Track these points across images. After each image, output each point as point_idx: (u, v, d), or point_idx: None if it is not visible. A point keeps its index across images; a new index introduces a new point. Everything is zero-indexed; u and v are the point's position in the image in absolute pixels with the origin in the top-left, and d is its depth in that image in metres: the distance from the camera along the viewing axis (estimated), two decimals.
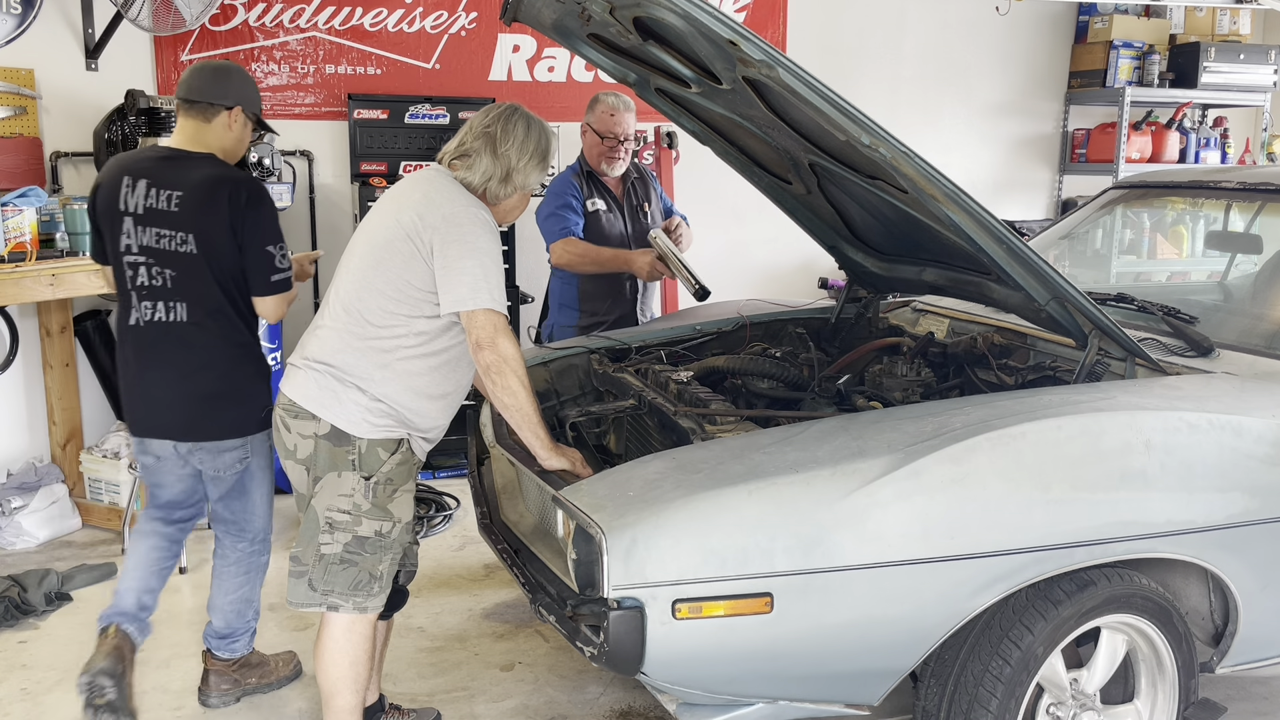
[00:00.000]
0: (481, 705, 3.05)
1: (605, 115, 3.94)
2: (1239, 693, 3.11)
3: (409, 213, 2.44)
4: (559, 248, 3.92)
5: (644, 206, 4.12)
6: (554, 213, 3.96)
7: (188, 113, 2.83)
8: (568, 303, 4.08)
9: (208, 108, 2.82)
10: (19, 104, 4.44)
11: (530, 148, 2.51)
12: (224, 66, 2.96)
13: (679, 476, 2.14)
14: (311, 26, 5.04)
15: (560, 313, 4.14)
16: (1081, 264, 4.03)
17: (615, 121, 3.93)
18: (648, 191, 4.17)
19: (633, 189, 4.12)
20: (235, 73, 2.91)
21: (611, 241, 3.99)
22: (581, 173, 4.04)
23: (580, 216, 3.97)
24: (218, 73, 2.89)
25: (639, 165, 4.22)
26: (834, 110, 2.25)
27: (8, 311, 4.36)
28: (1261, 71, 6.56)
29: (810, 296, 4.03)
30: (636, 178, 4.15)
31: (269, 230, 2.79)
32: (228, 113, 2.84)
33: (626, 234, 4.05)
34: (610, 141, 3.95)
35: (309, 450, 2.48)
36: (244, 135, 2.91)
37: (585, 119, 4.02)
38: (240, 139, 2.90)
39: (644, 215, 4.11)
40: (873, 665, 2.17)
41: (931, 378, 2.99)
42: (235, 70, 2.93)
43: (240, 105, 2.86)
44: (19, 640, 3.44)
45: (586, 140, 4.03)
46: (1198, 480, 2.30)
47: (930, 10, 6.28)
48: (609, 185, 4.06)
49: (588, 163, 4.04)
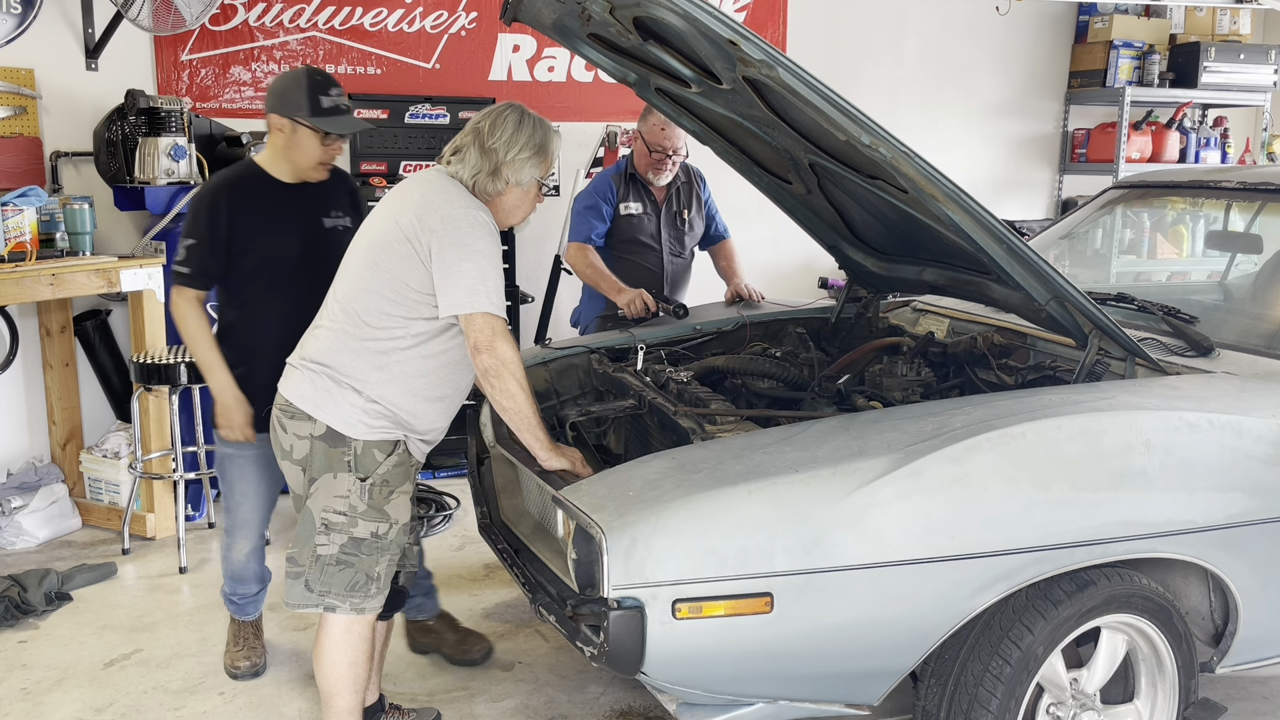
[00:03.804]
0: (481, 705, 3.05)
1: (656, 129, 3.97)
2: (1239, 693, 3.11)
3: (408, 214, 2.43)
4: (573, 250, 4.04)
5: (684, 214, 4.16)
6: (582, 212, 4.06)
7: None
8: (595, 294, 4.14)
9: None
10: (19, 104, 4.44)
11: (520, 141, 2.49)
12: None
13: (679, 476, 2.14)
14: (311, 26, 5.04)
15: (589, 302, 4.24)
16: (1081, 264, 4.03)
17: (665, 135, 3.96)
18: (690, 198, 4.19)
19: (676, 195, 4.16)
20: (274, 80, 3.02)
21: (643, 244, 4.08)
22: (624, 174, 4.10)
23: (605, 222, 4.05)
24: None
25: (691, 169, 4.24)
26: (834, 110, 2.25)
27: (8, 311, 4.36)
28: (1261, 71, 6.56)
29: (810, 296, 4.03)
30: (683, 183, 4.18)
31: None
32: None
33: (658, 237, 4.11)
34: (659, 154, 3.99)
35: (305, 451, 2.48)
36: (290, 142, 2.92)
37: (637, 126, 4.07)
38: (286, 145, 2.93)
39: (682, 222, 4.15)
40: (873, 665, 2.17)
41: (931, 378, 2.99)
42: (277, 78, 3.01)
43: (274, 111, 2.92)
44: (19, 640, 3.44)
45: (636, 148, 4.09)
46: (1198, 480, 2.30)
47: (930, 10, 6.28)
48: (653, 190, 4.11)
49: (634, 167, 4.09)
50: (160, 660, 3.30)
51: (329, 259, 2.75)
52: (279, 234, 2.96)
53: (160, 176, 4.27)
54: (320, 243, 2.99)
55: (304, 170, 2.96)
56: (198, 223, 2.92)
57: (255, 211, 2.94)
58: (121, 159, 4.35)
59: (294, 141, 2.89)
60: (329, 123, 2.88)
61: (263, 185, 2.97)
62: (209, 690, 3.12)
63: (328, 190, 3.04)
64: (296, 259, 2.96)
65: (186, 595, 3.81)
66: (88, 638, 3.45)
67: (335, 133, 2.90)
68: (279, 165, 2.96)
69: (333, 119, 2.88)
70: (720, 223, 4.31)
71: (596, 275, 3.98)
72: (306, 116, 2.85)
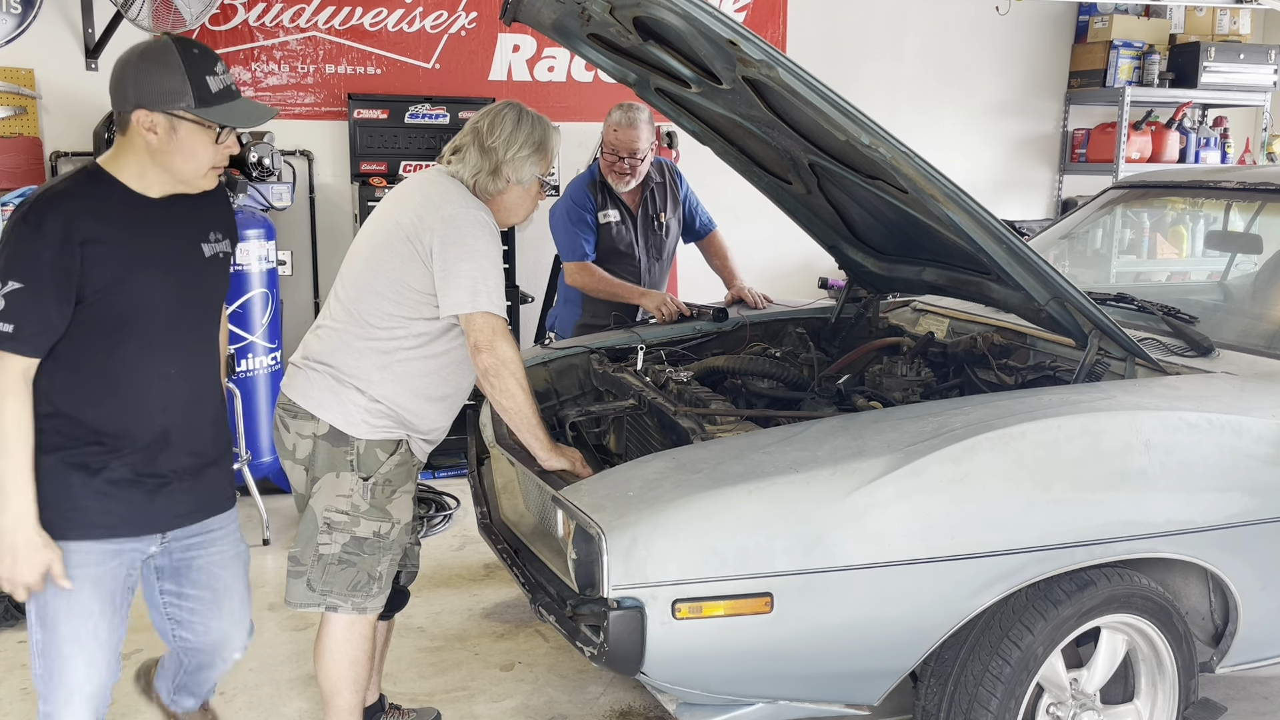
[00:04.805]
0: (481, 705, 3.05)
1: (610, 130, 3.84)
2: (1239, 693, 3.11)
3: (409, 214, 2.44)
4: (574, 271, 3.91)
5: (660, 217, 4.03)
6: (569, 229, 3.92)
7: None
8: (572, 299, 4.09)
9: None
10: (19, 104, 4.44)
11: (520, 139, 2.49)
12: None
13: (679, 476, 2.14)
14: (311, 26, 5.04)
15: (565, 307, 4.15)
16: (1081, 264, 4.03)
17: (619, 136, 3.81)
18: (666, 199, 4.06)
19: (650, 197, 4.02)
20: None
21: (620, 253, 3.96)
22: (596, 182, 3.98)
23: (593, 233, 3.92)
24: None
25: (666, 165, 4.11)
26: (834, 110, 2.25)
27: None
28: (1261, 71, 6.56)
29: (810, 296, 4.02)
30: (658, 183, 4.04)
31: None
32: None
33: (636, 245, 4.00)
34: (611, 157, 3.86)
35: (308, 450, 2.48)
36: (168, 144, 2.08)
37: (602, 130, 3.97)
38: (160, 150, 2.09)
39: (659, 226, 4.04)
40: (873, 665, 2.17)
41: (931, 378, 2.99)
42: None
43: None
44: (19, 640, 3.44)
45: (601, 151, 3.99)
46: (1198, 480, 2.30)
47: (930, 10, 6.28)
48: (623, 196, 3.98)
49: (602, 173, 3.98)
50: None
51: (213, 300, 2.23)
52: (151, 272, 2.09)
53: None
54: (201, 279, 2.21)
55: (190, 180, 2.12)
56: (25, 257, 1.98)
57: (116, 241, 2.05)
58: None
59: (173, 144, 2.05)
60: (224, 113, 2.08)
61: (123, 203, 2.08)
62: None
63: (203, 206, 2.21)
64: (175, 304, 2.14)
65: None
66: None
67: (235, 126, 2.11)
68: (145, 176, 2.09)
69: (228, 107, 2.09)
70: (704, 215, 4.16)
71: (611, 287, 3.85)
72: (191, 108, 2.04)
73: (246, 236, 4.42)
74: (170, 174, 2.11)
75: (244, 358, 4.47)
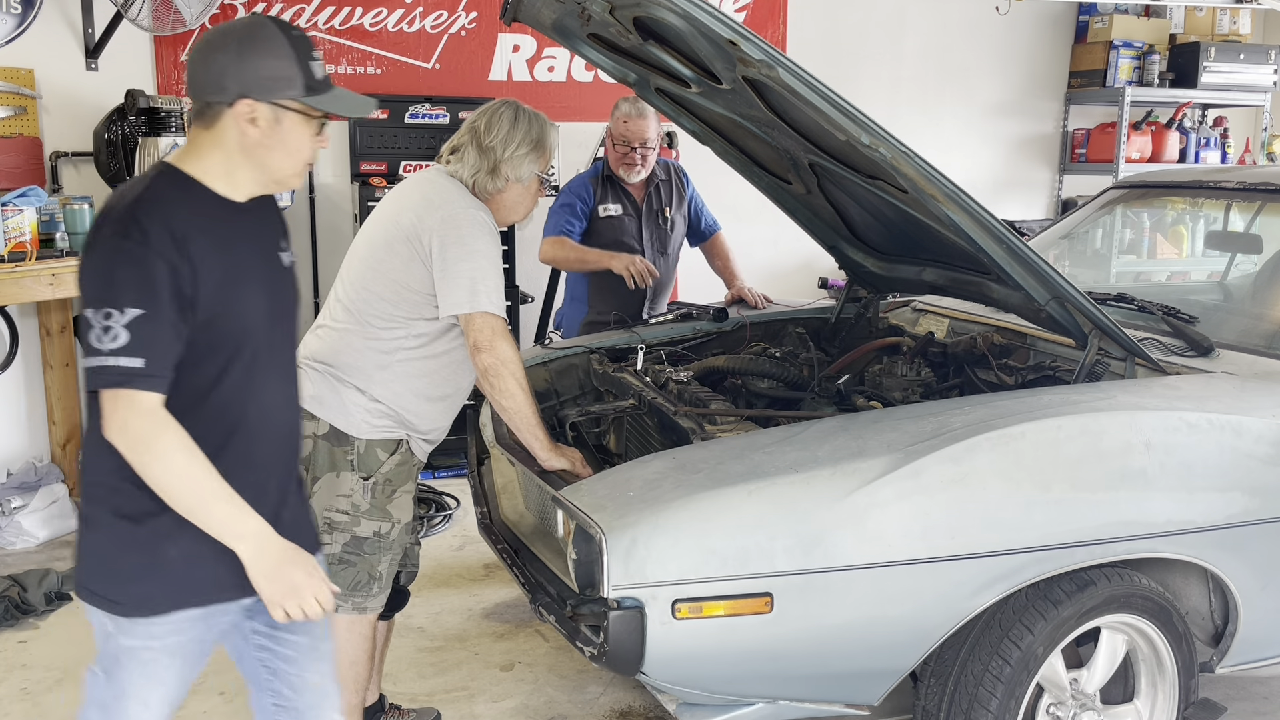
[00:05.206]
0: (481, 705, 3.05)
1: (620, 121, 3.91)
2: (1239, 693, 3.11)
3: (408, 214, 2.44)
4: (546, 245, 3.95)
5: (664, 211, 4.09)
6: (557, 210, 3.98)
7: None
8: (578, 296, 4.12)
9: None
10: (19, 104, 4.44)
11: (518, 138, 2.49)
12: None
13: (679, 476, 2.14)
14: (311, 26, 5.03)
15: (571, 305, 4.19)
16: (1081, 264, 4.03)
17: (628, 128, 3.89)
18: (672, 196, 4.12)
19: (656, 192, 4.07)
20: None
21: (625, 246, 3.97)
22: (601, 176, 4.03)
23: (581, 220, 3.96)
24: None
25: (673, 166, 4.18)
26: (834, 110, 2.25)
27: (8, 311, 4.36)
28: (1261, 71, 6.56)
29: (810, 296, 4.02)
30: (663, 180, 4.10)
31: (89, 275, 1.72)
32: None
33: (640, 238, 4.04)
34: (623, 149, 3.93)
35: (308, 450, 2.48)
36: (270, 138, 1.83)
37: (608, 124, 4.03)
38: (259, 145, 1.83)
39: (664, 220, 4.08)
40: (873, 665, 2.17)
41: (931, 378, 2.99)
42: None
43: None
44: (19, 640, 3.44)
45: (607, 145, 4.04)
46: (1198, 480, 2.30)
47: (930, 10, 6.28)
48: (630, 189, 4.04)
49: (610, 167, 4.03)
50: None
51: (294, 316, 2.00)
52: (249, 284, 1.85)
53: None
54: (286, 292, 1.98)
55: (285, 178, 1.89)
56: (138, 278, 1.68)
57: (216, 251, 1.78)
58: (121, 159, 4.35)
59: (275, 137, 1.81)
60: (333, 101, 1.88)
61: (214, 208, 1.82)
62: (209, 690, 3.12)
63: (269, 210, 1.97)
64: (270, 322, 1.90)
65: None
66: (87, 638, 3.44)
67: (344, 115, 1.95)
68: (234, 176, 1.83)
69: (334, 96, 1.90)
70: (709, 217, 4.23)
71: (581, 254, 3.89)
72: (300, 96, 1.82)
73: None
74: (264, 172, 1.85)
75: None
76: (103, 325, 1.65)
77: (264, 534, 1.78)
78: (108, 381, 1.67)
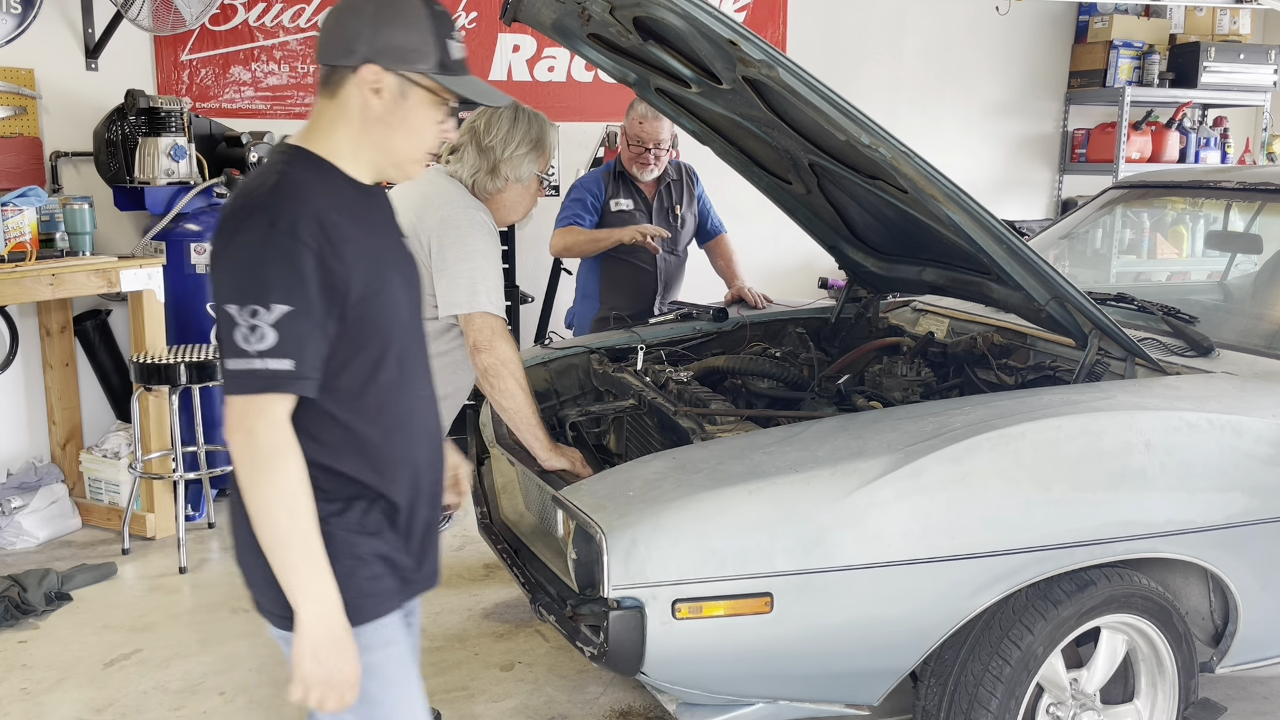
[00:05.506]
0: (481, 705, 3.05)
1: (636, 122, 3.97)
2: (1239, 693, 3.11)
3: (408, 214, 2.43)
4: (557, 235, 4.03)
5: (675, 209, 4.15)
6: (569, 204, 4.07)
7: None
8: (590, 293, 4.16)
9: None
10: (19, 104, 4.44)
11: (517, 138, 2.50)
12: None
13: (679, 476, 2.14)
14: (311, 26, 5.03)
15: (583, 302, 4.23)
16: (1081, 264, 4.03)
17: (645, 129, 3.95)
18: (682, 195, 4.19)
19: (667, 190, 4.15)
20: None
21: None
22: (614, 172, 4.11)
23: (592, 214, 4.04)
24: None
25: (684, 167, 4.24)
26: (834, 110, 2.25)
27: (8, 311, 4.36)
28: (1261, 71, 6.57)
29: (810, 296, 4.03)
30: (674, 179, 4.17)
31: (232, 269, 1.56)
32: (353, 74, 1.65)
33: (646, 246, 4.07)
34: (637, 148, 3.99)
35: None
36: (395, 113, 1.66)
37: (623, 123, 4.08)
38: (382, 121, 1.67)
39: (674, 218, 4.14)
40: (873, 665, 2.17)
41: (931, 378, 2.99)
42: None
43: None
44: (19, 640, 3.44)
45: (621, 143, 4.10)
46: (1198, 480, 2.30)
47: (930, 10, 6.28)
48: (642, 187, 4.11)
49: (622, 164, 4.10)
50: (160, 660, 3.30)
51: (421, 305, 1.85)
52: (391, 272, 1.72)
53: (160, 176, 4.27)
54: (418, 282, 1.83)
55: (404, 164, 1.73)
56: (286, 271, 1.53)
57: (361, 238, 1.65)
58: (121, 159, 4.35)
59: (399, 114, 1.65)
60: (466, 85, 1.70)
61: (353, 193, 1.69)
62: (209, 690, 3.12)
63: (386, 198, 1.82)
64: (411, 313, 1.77)
65: (186, 595, 3.80)
66: (88, 638, 3.45)
67: (478, 102, 1.75)
68: (359, 156, 1.69)
69: (468, 80, 1.71)
70: (715, 218, 4.29)
71: (591, 235, 3.96)
72: (434, 71, 1.65)
73: None
74: (384, 153, 1.69)
75: None
76: (249, 324, 1.51)
77: (333, 604, 1.60)
78: (255, 385, 1.51)
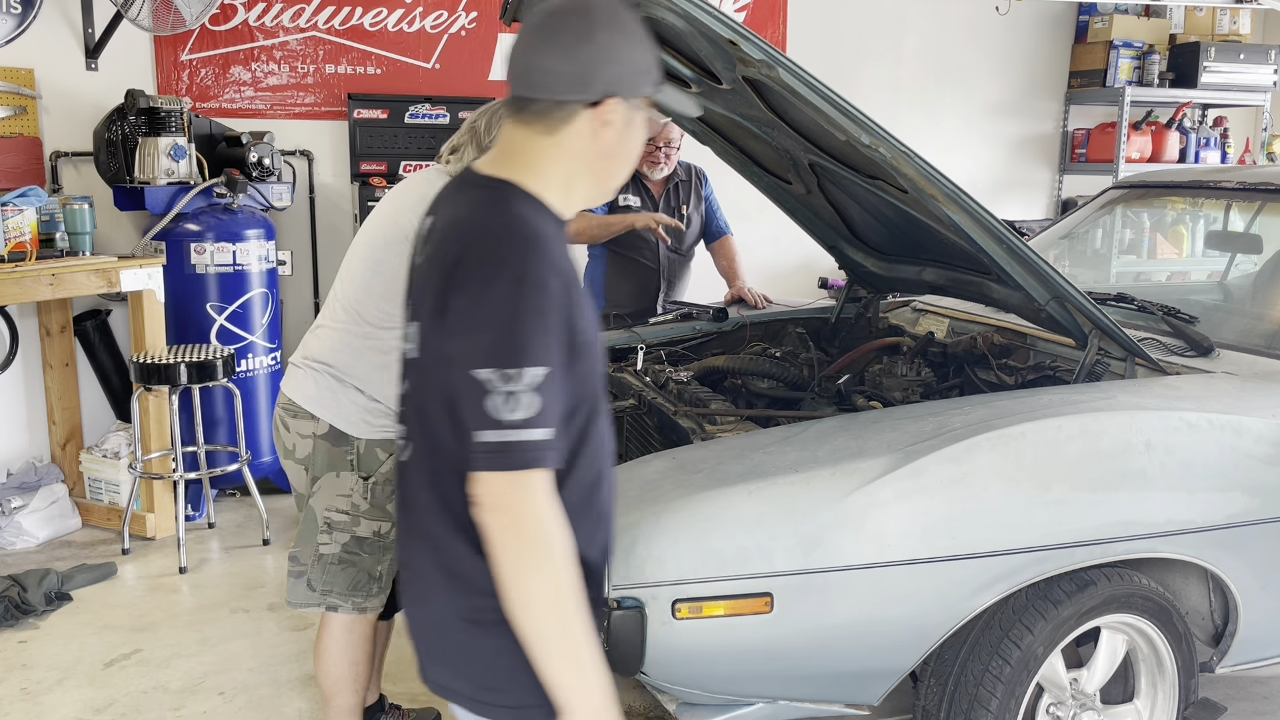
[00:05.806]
0: None
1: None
2: (1239, 693, 3.11)
3: (407, 214, 2.44)
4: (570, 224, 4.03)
5: (681, 209, 4.18)
6: None
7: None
8: (595, 291, 4.17)
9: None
10: (19, 104, 4.44)
11: None
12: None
13: (679, 476, 2.14)
14: (311, 26, 5.03)
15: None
16: (1081, 264, 4.03)
17: (655, 126, 3.97)
18: (689, 194, 4.21)
19: (674, 190, 4.17)
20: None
21: (641, 238, 4.07)
22: None
23: (601, 209, 4.05)
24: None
25: (693, 168, 4.27)
26: (834, 110, 2.25)
27: (8, 311, 4.36)
28: (1261, 71, 6.56)
29: (810, 296, 4.03)
30: (682, 180, 4.20)
31: (481, 330, 1.35)
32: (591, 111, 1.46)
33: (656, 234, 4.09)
34: (648, 146, 4.01)
35: (308, 450, 2.48)
36: (621, 142, 1.50)
37: None
38: (608, 151, 1.50)
39: (680, 218, 4.17)
40: (873, 665, 2.17)
41: (931, 378, 2.99)
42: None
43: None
44: (19, 640, 3.44)
45: None
46: (1198, 480, 2.30)
47: (930, 10, 6.28)
48: (650, 185, 4.13)
49: None
50: (160, 660, 3.30)
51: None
52: (594, 319, 1.51)
53: (160, 176, 4.27)
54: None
55: (610, 190, 1.57)
56: (539, 329, 1.34)
57: (580, 285, 1.47)
58: (121, 159, 4.35)
59: (624, 142, 1.49)
60: (672, 95, 1.57)
61: (563, 234, 1.50)
62: (209, 690, 3.12)
63: None
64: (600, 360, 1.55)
65: (186, 595, 3.80)
66: (88, 638, 3.45)
67: (685, 114, 1.60)
68: (571, 191, 1.50)
69: (669, 89, 1.56)
70: (721, 219, 4.31)
71: (603, 220, 3.98)
72: (655, 89, 1.51)
73: (246, 237, 4.43)
74: (601, 182, 1.52)
75: (244, 358, 4.47)
76: (505, 390, 1.30)
77: (607, 698, 1.40)
78: (518, 461, 1.31)
